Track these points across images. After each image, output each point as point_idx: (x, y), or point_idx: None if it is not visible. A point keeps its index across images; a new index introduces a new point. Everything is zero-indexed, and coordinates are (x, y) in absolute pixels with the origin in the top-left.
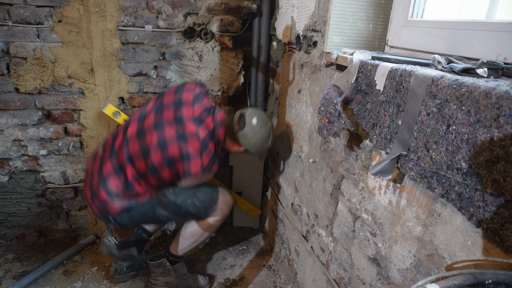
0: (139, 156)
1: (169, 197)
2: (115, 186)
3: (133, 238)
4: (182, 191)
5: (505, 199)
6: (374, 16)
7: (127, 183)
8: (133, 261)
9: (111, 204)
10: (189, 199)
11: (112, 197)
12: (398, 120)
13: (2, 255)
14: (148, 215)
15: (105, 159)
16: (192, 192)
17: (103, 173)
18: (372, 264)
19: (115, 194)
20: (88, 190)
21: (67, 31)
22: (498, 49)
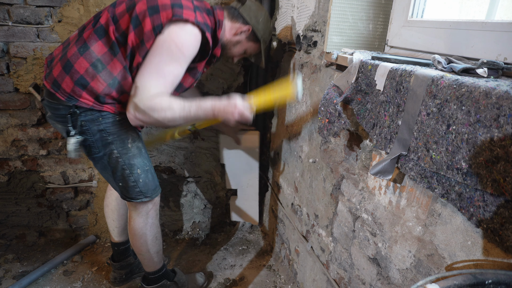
0: (124, 12)
1: (130, 147)
2: (98, 50)
3: (126, 246)
4: (144, 155)
5: (505, 199)
6: (374, 16)
7: (108, 53)
8: (131, 267)
9: (91, 81)
10: (144, 168)
11: (97, 66)
12: (398, 120)
13: (2, 255)
14: (98, 146)
15: (83, 31)
16: (148, 165)
17: (83, 38)
18: (372, 264)
19: (100, 61)
20: (57, 64)
21: (67, 31)
22: (498, 49)
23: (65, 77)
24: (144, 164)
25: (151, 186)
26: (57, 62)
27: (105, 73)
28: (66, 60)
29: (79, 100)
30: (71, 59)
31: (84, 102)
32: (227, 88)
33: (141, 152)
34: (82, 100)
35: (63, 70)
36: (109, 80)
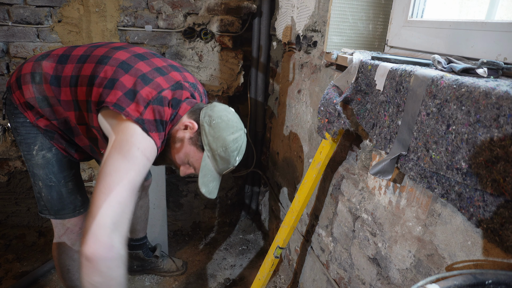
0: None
1: (34, 154)
2: (47, 68)
3: (133, 243)
4: (52, 170)
5: (505, 199)
6: (374, 16)
7: None
8: (143, 263)
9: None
10: (47, 183)
11: (35, 78)
12: (398, 120)
13: (2, 255)
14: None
15: None
16: (54, 182)
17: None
18: (372, 264)
19: (40, 76)
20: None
21: (67, 31)
22: (498, 49)
23: (20, 69)
24: (47, 178)
25: (56, 205)
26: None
27: (37, 87)
28: (33, 59)
29: (12, 95)
30: (31, 57)
31: (14, 98)
32: (227, 88)
33: (48, 164)
34: (14, 96)
35: (21, 66)
36: (37, 95)
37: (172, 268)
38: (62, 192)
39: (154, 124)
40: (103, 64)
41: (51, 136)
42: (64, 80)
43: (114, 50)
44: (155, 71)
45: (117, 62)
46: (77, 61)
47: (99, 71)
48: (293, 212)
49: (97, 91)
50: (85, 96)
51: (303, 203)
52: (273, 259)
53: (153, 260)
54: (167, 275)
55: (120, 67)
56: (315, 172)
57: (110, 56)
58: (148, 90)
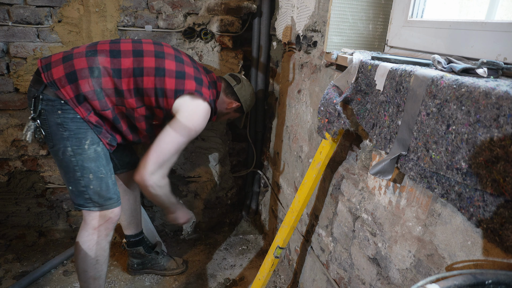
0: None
1: (86, 148)
2: (102, 61)
3: (132, 240)
4: (101, 162)
5: (505, 199)
6: (374, 16)
7: None
8: (143, 259)
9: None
10: (97, 174)
11: (94, 72)
12: (398, 120)
13: (2, 255)
14: (53, 139)
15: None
16: (104, 174)
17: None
18: (372, 264)
19: (99, 70)
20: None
21: (67, 31)
22: (498, 49)
23: (59, 64)
24: (99, 170)
25: (104, 195)
26: (60, 53)
27: (96, 80)
28: (71, 53)
29: (59, 90)
30: (75, 54)
31: (63, 93)
32: None
33: (99, 158)
34: (62, 91)
35: (62, 59)
36: (97, 88)
37: (172, 265)
38: (109, 184)
39: (212, 103)
40: (162, 58)
41: (99, 130)
42: (126, 72)
43: (159, 46)
44: (192, 62)
45: (173, 57)
46: (133, 55)
47: (162, 64)
48: (293, 212)
49: (170, 80)
50: (155, 83)
51: (303, 203)
52: (273, 259)
53: (153, 256)
54: (167, 273)
55: (177, 60)
56: (315, 172)
57: (163, 51)
58: (204, 77)
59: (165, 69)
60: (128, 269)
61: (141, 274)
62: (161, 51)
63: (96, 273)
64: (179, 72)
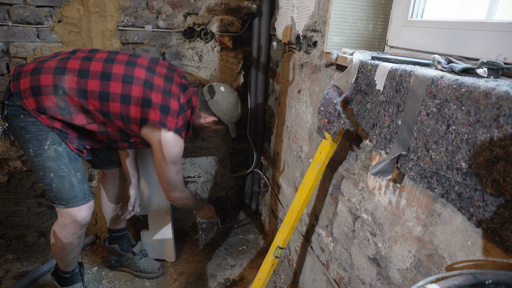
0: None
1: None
2: (68, 82)
3: (113, 235)
4: (63, 161)
5: (505, 199)
6: (374, 16)
7: None
8: (120, 257)
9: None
10: (58, 173)
11: (58, 91)
12: (398, 120)
13: (2, 255)
14: (19, 141)
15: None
16: (65, 172)
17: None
18: (372, 264)
19: (63, 89)
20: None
21: (67, 31)
22: (498, 49)
23: (27, 76)
24: (59, 169)
25: (67, 193)
26: (35, 62)
27: (61, 98)
28: (41, 66)
29: (22, 100)
30: (44, 68)
31: (25, 104)
32: None
33: (60, 157)
34: (25, 101)
35: (31, 70)
36: (61, 104)
37: (147, 269)
38: (73, 182)
39: (184, 127)
40: (129, 83)
41: (65, 136)
42: (91, 94)
43: (130, 68)
44: (166, 81)
45: (141, 82)
46: (100, 77)
47: (128, 90)
48: (293, 212)
49: (136, 109)
50: (120, 110)
51: (303, 203)
52: (273, 259)
53: (129, 255)
54: (141, 275)
55: (146, 86)
56: (315, 172)
57: (132, 75)
58: (173, 102)
59: (131, 96)
60: (108, 264)
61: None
62: (130, 74)
63: (62, 257)
64: (144, 100)
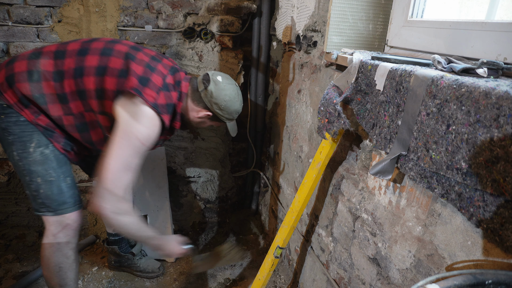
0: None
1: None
2: (45, 64)
3: (111, 238)
4: (50, 165)
5: (505, 199)
6: (374, 16)
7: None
8: (119, 258)
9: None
10: (46, 178)
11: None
12: (398, 120)
13: (2, 255)
14: (2, 145)
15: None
16: (53, 177)
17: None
18: (372, 264)
19: (39, 74)
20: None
21: (67, 31)
22: (498, 49)
23: (2, 69)
24: (47, 173)
25: (56, 200)
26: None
27: (36, 85)
28: (16, 56)
29: (2, 95)
30: (19, 56)
31: (6, 98)
32: None
33: (47, 160)
34: (5, 96)
35: (7, 62)
36: (35, 93)
37: (147, 268)
38: (62, 187)
39: (166, 108)
40: (107, 55)
41: (50, 134)
42: (67, 73)
43: (111, 43)
44: (153, 59)
45: (122, 54)
46: (76, 54)
47: (105, 62)
48: (293, 212)
49: (111, 80)
50: (95, 85)
51: (303, 203)
52: (273, 259)
53: (129, 256)
54: (142, 275)
55: (126, 58)
56: (315, 172)
57: (112, 48)
58: (156, 77)
59: (108, 67)
60: (108, 264)
61: (119, 271)
62: (111, 47)
63: (60, 281)
64: (122, 71)
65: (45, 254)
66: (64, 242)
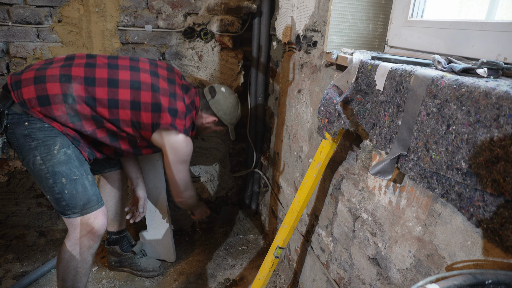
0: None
1: (55, 152)
2: (77, 90)
3: (113, 237)
4: (74, 164)
5: (505, 199)
6: (374, 16)
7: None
8: (120, 258)
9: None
10: (70, 177)
11: (68, 100)
12: (398, 120)
13: (2, 255)
14: (22, 152)
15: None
16: (77, 175)
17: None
18: (372, 264)
19: (73, 98)
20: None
21: (67, 31)
22: (498, 49)
23: (30, 84)
24: (71, 172)
25: (81, 199)
26: (32, 70)
27: (71, 106)
28: (43, 74)
29: (30, 110)
30: (48, 76)
31: (34, 113)
32: None
33: (70, 160)
34: (34, 111)
35: (33, 79)
36: (70, 112)
37: (148, 268)
38: (86, 185)
39: (191, 127)
40: (137, 89)
41: (77, 143)
42: (100, 102)
43: (136, 73)
44: (170, 84)
45: (149, 87)
46: (107, 85)
47: (137, 97)
48: (293, 212)
49: (146, 114)
50: (130, 117)
51: (303, 203)
52: (273, 259)
53: (130, 255)
54: (142, 274)
55: (153, 90)
56: (315, 172)
57: (139, 80)
58: (180, 104)
59: (141, 102)
60: (108, 265)
61: (120, 271)
62: (137, 80)
63: (74, 284)
64: (154, 105)
65: (65, 257)
66: (86, 247)
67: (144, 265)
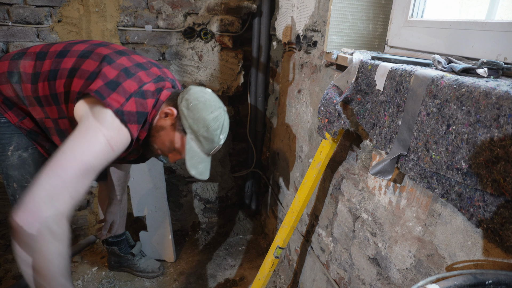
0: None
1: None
2: (25, 66)
3: (113, 239)
4: (28, 170)
5: (505, 199)
6: (374, 16)
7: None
8: (119, 259)
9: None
10: (22, 184)
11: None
12: (398, 120)
13: (2, 255)
14: None
15: None
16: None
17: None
18: (372, 264)
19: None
20: None
21: (66, 31)
22: (498, 49)
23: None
24: (23, 178)
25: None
26: None
27: (17, 86)
28: (8, 58)
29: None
30: (3, 56)
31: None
32: (227, 88)
33: (24, 165)
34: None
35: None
36: (20, 94)
37: (147, 269)
38: None
39: (135, 116)
40: (84, 58)
41: (34, 137)
42: (42, 75)
43: (95, 46)
44: (136, 66)
45: (100, 57)
46: (55, 56)
47: (80, 64)
48: (293, 212)
49: (78, 82)
50: (64, 87)
51: (303, 203)
52: (273, 259)
53: (129, 257)
54: (142, 275)
55: (103, 60)
56: (315, 172)
57: (92, 51)
58: (130, 82)
59: (80, 69)
60: (108, 265)
61: (119, 271)
62: (92, 50)
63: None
64: (93, 73)
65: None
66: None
67: (144, 266)
